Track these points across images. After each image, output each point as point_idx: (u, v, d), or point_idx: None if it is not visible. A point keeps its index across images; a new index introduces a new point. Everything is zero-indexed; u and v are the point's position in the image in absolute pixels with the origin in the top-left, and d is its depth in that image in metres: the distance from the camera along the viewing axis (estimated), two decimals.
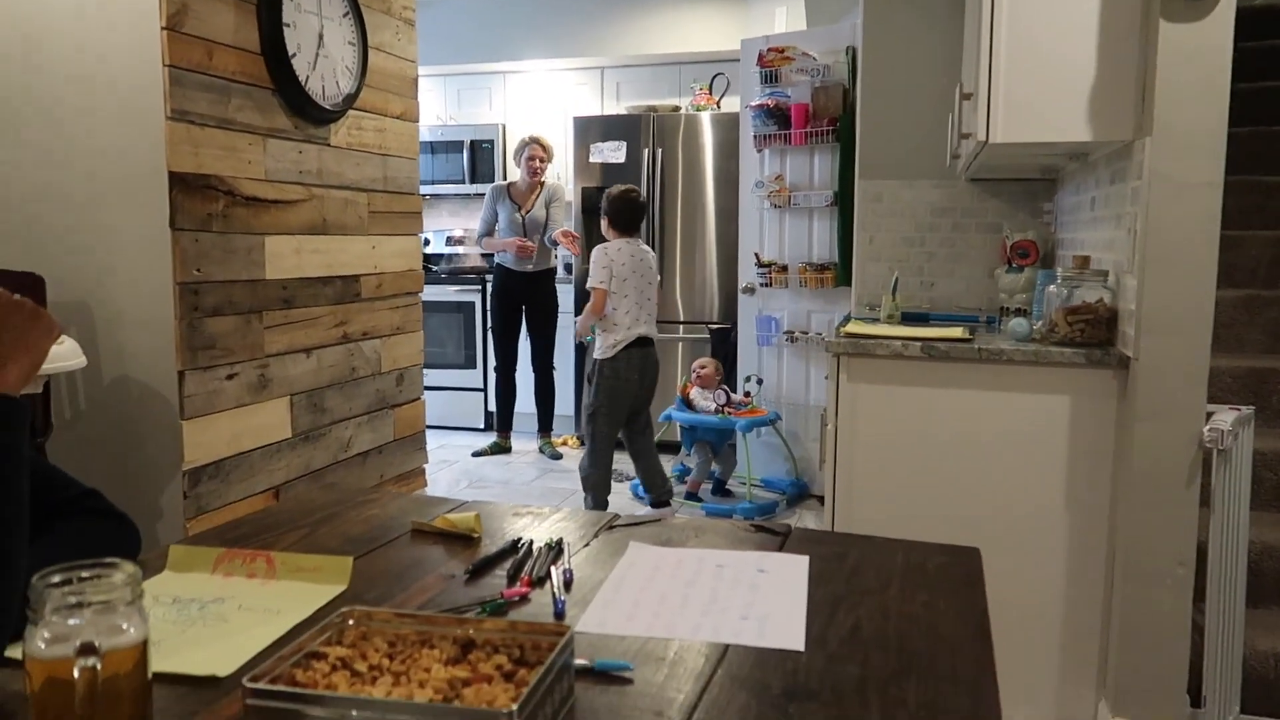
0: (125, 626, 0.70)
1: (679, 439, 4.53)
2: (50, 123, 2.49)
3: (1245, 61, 3.31)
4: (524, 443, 5.36)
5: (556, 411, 5.50)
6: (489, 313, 5.16)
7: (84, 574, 0.71)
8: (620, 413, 3.76)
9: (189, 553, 1.13)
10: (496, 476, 4.76)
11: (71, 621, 0.69)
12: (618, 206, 3.79)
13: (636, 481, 4.32)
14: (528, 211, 5.01)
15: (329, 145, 2.92)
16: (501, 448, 5.18)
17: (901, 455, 2.41)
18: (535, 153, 4.98)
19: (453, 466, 4.94)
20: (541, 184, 5.06)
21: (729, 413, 4.15)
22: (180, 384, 2.42)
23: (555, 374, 5.20)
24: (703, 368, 4.37)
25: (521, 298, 5.04)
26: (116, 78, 2.41)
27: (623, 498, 4.36)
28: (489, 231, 5.03)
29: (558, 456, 5.10)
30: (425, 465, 3.56)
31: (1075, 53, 2.18)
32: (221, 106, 2.50)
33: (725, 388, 4.15)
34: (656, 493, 3.88)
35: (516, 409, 5.36)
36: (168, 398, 2.44)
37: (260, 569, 1.09)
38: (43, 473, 1.08)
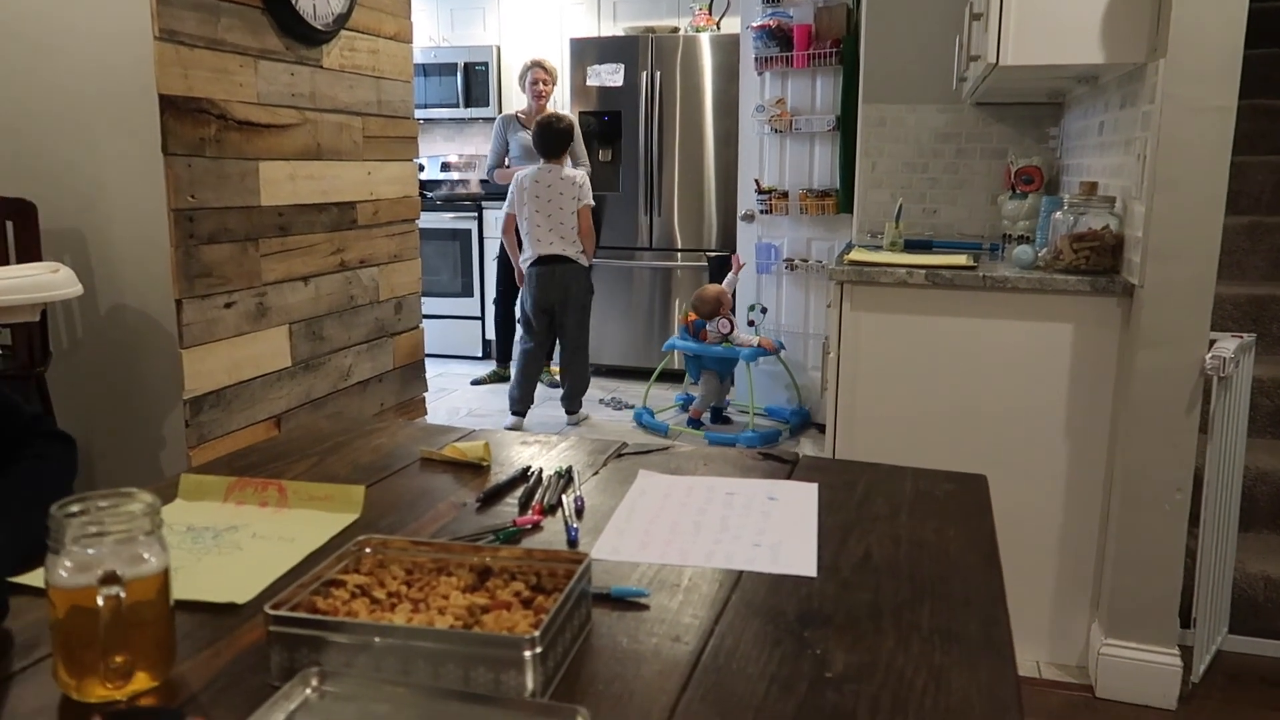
0: (146, 556, 0.71)
1: (684, 368, 4.52)
2: (35, 45, 2.42)
3: None
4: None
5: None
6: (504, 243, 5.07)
7: (102, 504, 0.71)
8: (530, 325, 4.23)
9: (200, 482, 1.13)
10: (496, 405, 4.77)
11: (92, 551, 0.69)
12: (536, 133, 4.20)
13: (641, 409, 4.34)
14: None
15: (321, 67, 2.85)
16: (500, 377, 5.19)
17: (904, 383, 2.42)
18: (539, 75, 4.86)
19: (452, 395, 4.95)
20: (545, 108, 4.96)
21: (733, 342, 4.15)
22: (178, 312, 2.40)
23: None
24: (701, 298, 4.32)
25: None
26: None
27: (625, 426, 4.38)
28: (500, 163, 4.91)
29: (556, 385, 5.11)
30: (425, 394, 3.56)
31: None
32: (210, 26, 2.43)
33: (730, 316, 4.13)
34: (564, 400, 4.38)
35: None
36: (166, 326, 2.43)
37: (272, 498, 1.10)
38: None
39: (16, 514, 0.78)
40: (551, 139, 4.16)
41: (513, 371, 4.36)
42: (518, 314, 4.29)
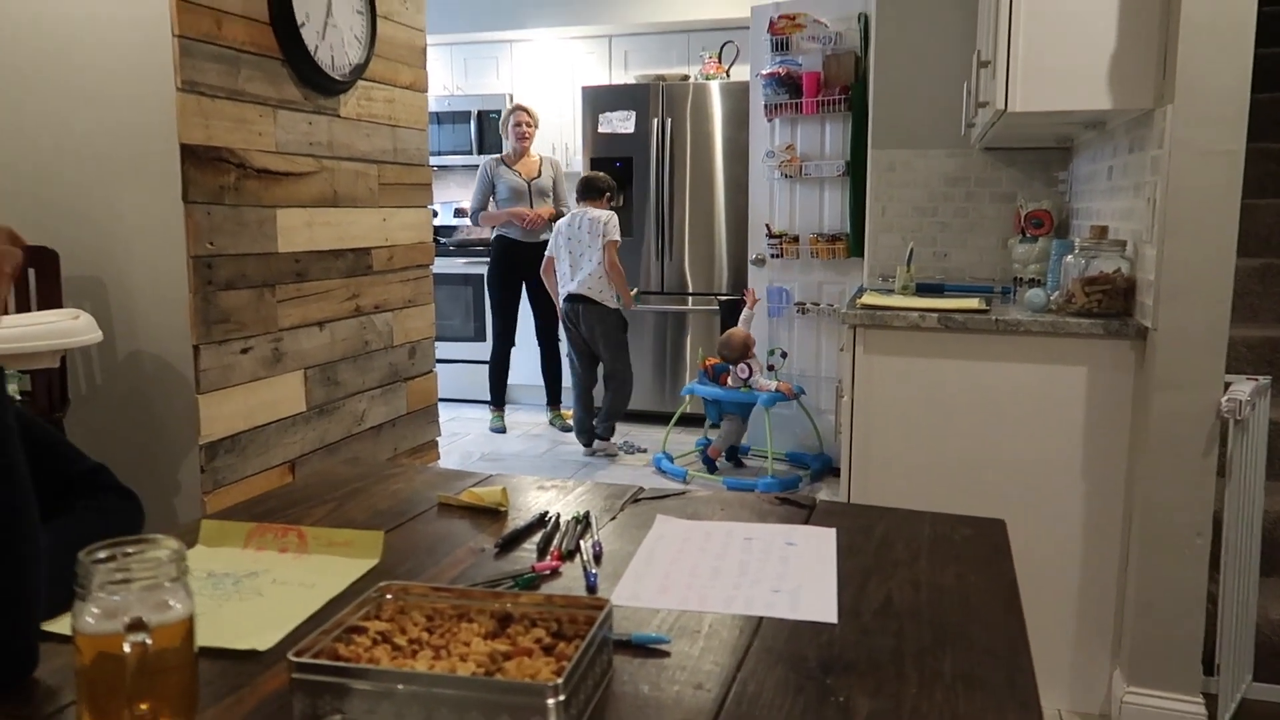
0: (172, 603, 0.71)
1: (704, 413, 4.50)
2: (61, 95, 2.47)
3: (1265, 26, 3.27)
4: (532, 415, 5.37)
5: (566, 383, 5.51)
6: (487, 286, 5.09)
7: (129, 549, 0.72)
8: (575, 355, 4.59)
9: (220, 527, 1.13)
10: (509, 449, 4.78)
11: (119, 598, 0.69)
12: (579, 182, 4.57)
13: (660, 455, 4.33)
14: (534, 178, 4.99)
15: (339, 116, 2.91)
16: (498, 425, 5.15)
17: (918, 426, 2.42)
18: (522, 118, 4.95)
19: (464, 439, 4.96)
20: (529, 150, 5.03)
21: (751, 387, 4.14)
22: (195, 358, 2.42)
23: (561, 345, 5.20)
24: (728, 344, 4.24)
25: (523, 270, 4.99)
26: (126, 48, 2.39)
27: (640, 470, 4.38)
28: (484, 205, 4.96)
29: (569, 429, 5.12)
30: (438, 438, 3.57)
31: (1096, 19, 2.16)
32: (231, 77, 2.49)
33: (751, 360, 4.12)
34: (597, 423, 4.61)
35: (524, 382, 5.37)
36: (183, 372, 2.45)
37: (292, 543, 1.10)
38: (50, 445, 1.08)
39: (64, 564, 0.77)
40: (588, 184, 4.52)
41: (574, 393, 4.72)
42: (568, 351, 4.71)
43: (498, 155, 5.06)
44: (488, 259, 5.63)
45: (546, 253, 4.62)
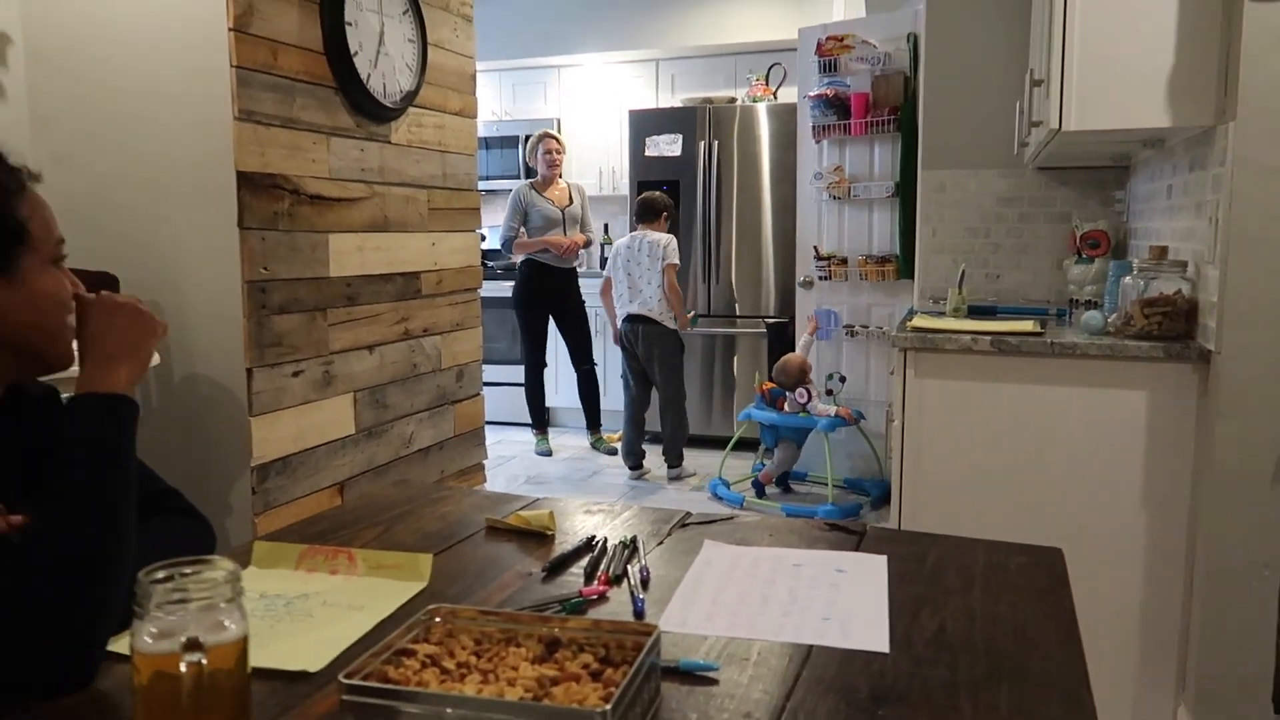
0: (227, 623, 0.72)
1: (759, 437, 4.46)
2: (121, 123, 2.56)
3: None
4: (577, 438, 5.39)
5: (609, 406, 5.52)
6: (516, 310, 5.09)
7: (186, 570, 0.73)
8: (631, 376, 4.65)
9: (272, 549, 1.15)
10: (555, 472, 4.80)
11: (176, 617, 0.71)
12: (638, 203, 4.64)
13: (715, 480, 4.32)
14: (566, 205, 5.02)
15: (390, 143, 2.96)
16: (544, 448, 5.19)
17: (971, 452, 2.38)
18: (551, 146, 4.99)
19: (510, 462, 4.99)
20: (560, 176, 5.07)
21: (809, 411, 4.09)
22: (249, 381, 2.47)
23: (596, 369, 5.20)
24: (786, 369, 4.20)
25: (552, 296, 5.01)
26: (186, 79, 2.47)
27: (688, 495, 4.36)
28: (517, 234, 4.97)
29: (613, 452, 5.12)
30: (484, 461, 3.60)
31: (1153, 34, 2.13)
32: (286, 106, 2.55)
33: (809, 385, 4.09)
34: (664, 453, 4.64)
35: (567, 404, 5.40)
36: (236, 395, 2.50)
37: (342, 565, 1.12)
38: None
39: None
40: (646, 205, 4.59)
41: (622, 430, 4.78)
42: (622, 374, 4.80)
43: (528, 181, 5.09)
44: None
45: (605, 273, 4.69)
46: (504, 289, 5.69)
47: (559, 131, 5.94)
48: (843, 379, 4.20)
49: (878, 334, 4.27)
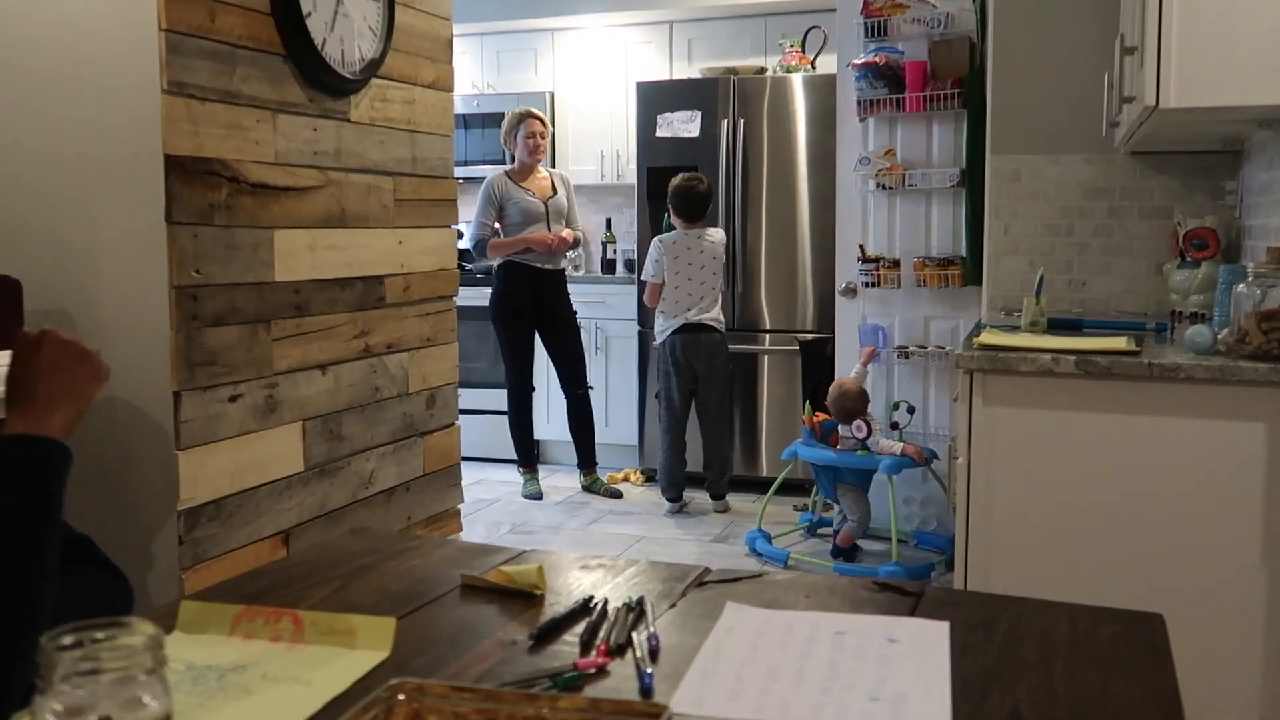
0: (146, 700, 0.73)
1: (811, 478, 4.44)
2: (26, 98, 2.58)
3: None
4: (574, 477, 5.39)
5: (614, 440, 5.53)
6: (495, 322, 5.13)
7: (98, 635, 0.73)
8: (675, 396, 4.82)
9: (202, 610, 1.15)
10: (546, 519, 4.80)
11: (85, 691, 0.71)
12: (678, 197, 4.76)
13: (755, 532, 4.31)
14: (548, 197, 5.06)
15: (348, 121, 2.99)
16: (532, 490, 5.20)
17: (1051, 495, 2.38)
18: (535, 128, 5.02)
19: (492, 507, 4.99)
20: (538, 165, 5.10)
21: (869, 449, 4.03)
22: (176, 407, 2.48)
23: (591, 394, 5.22)
24: (844, 395, 4.16)
25: (538, 307, 5.05)
26: (103, 43, 2.49)
27: (708, 546, 4.36)
28: (493, 233, 5.00)
29: (616, 494, 5.13)
30: (460, 506, 3.60)
31: None
32: (225, 77, 2.58)
33: (868, 418, 4.06)
34: (710, 484, 4.89)
35: (562, 437, 5.41)
36: (161, 423, 2.51)
37: (286, 631, 1.12)
38: None
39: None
40: (699, 200, 4.76)
41: (660, 456, 4.92)
42: (658, 393, 4.97)
43: (504, 170, 5.12)
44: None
45: (647, 279, 4.83)
46: (485, 297, 5.72)
47: (551, 109, 5.98)
48: (910, 409, 4.18)
49: (938, 355, 4.26)
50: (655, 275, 4.80)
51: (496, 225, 5.02)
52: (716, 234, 4.87)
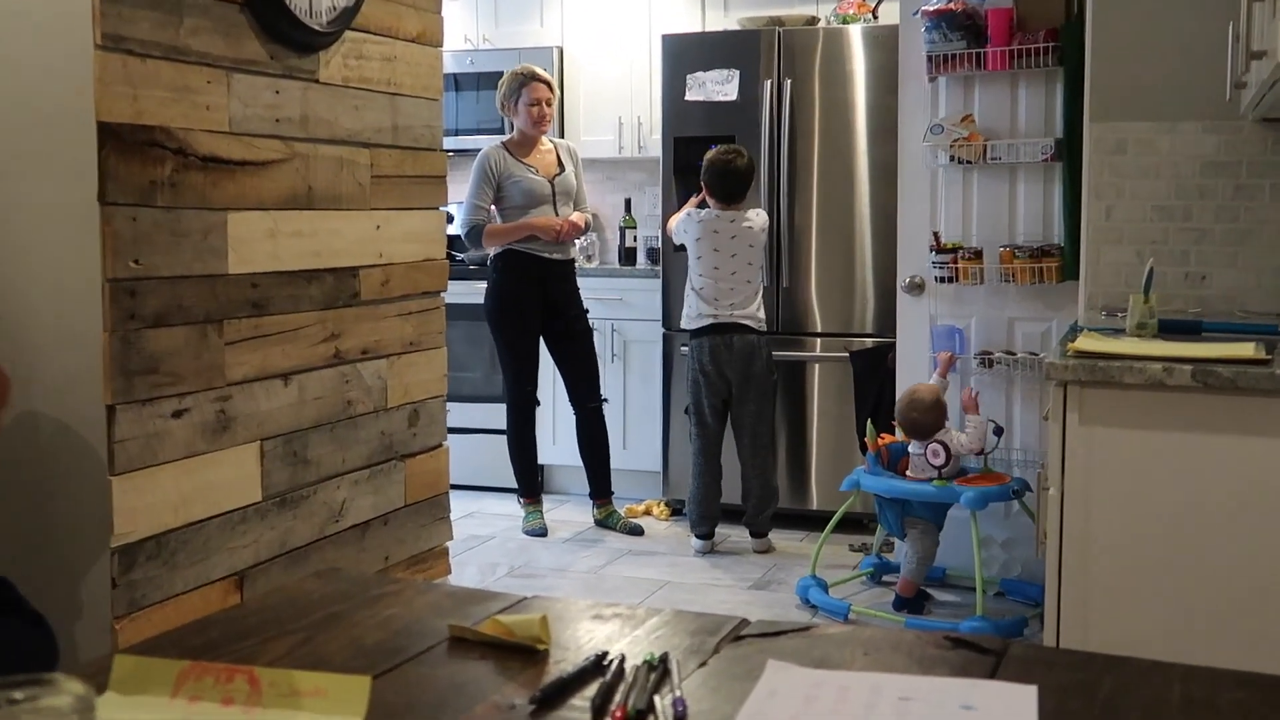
0: None
1: (873, 512, 4.43)
2: None
3: None
4: (585, 509, 5.39)
5: (633, 465, 5.53)
6: (492, 323, 5.17)
7: (17, 695, 0.74)
8: (706, 411, 4.86)
9: (141, 666, 1.16)
10: (550, 560, 4.80)
11: None
12: (713, 174, 4.80)
13: (808, 579, 4.28)
14: (556, 175, 5.08)
15: (317, 81, 3.00)
16: (535, 524, 5.21)
17: (1162, 535, 2.36)
18: (539, 93, 5.02)
19: (486, 545, 5.00)
20: (542, 137, 5.12)
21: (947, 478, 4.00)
22: (110, 424, 2.49)
23: (606, 410, 5.25)
24: (915, 405, 4.13)
25: (544, 304, 5.08)
26: None
27: (780, 599, 4.35)
28: (487, 217, 5.03)
29: (636, 530, 5.13)
30: (449, 543, 3.60)
31: None
32: (171, 30, 2.59)
33: (945, 440, 4.02)
34: (749, 518, 4.92)
35: (570, 461, 5.42)
36: (91, 443, 2.52)
37: (240, 693, 1.12)
38: None
39: None
40: (740, 179, 4.79)
41: (689, 485, 4.93)
42: (686, 408, 4.99)
43: (501, 142, 5.14)
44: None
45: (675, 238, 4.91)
46: (479, 293, 5.73)
47: (560, 68, 6.00)
48: (999, 429, 4.15)
49: (1026, 363, 4.24)
50: (679, 236, 4.92)
51: (493, 208, 5.03)
52: (757, 216, 4.87)
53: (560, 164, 5.12)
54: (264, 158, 2.85)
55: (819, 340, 5.21)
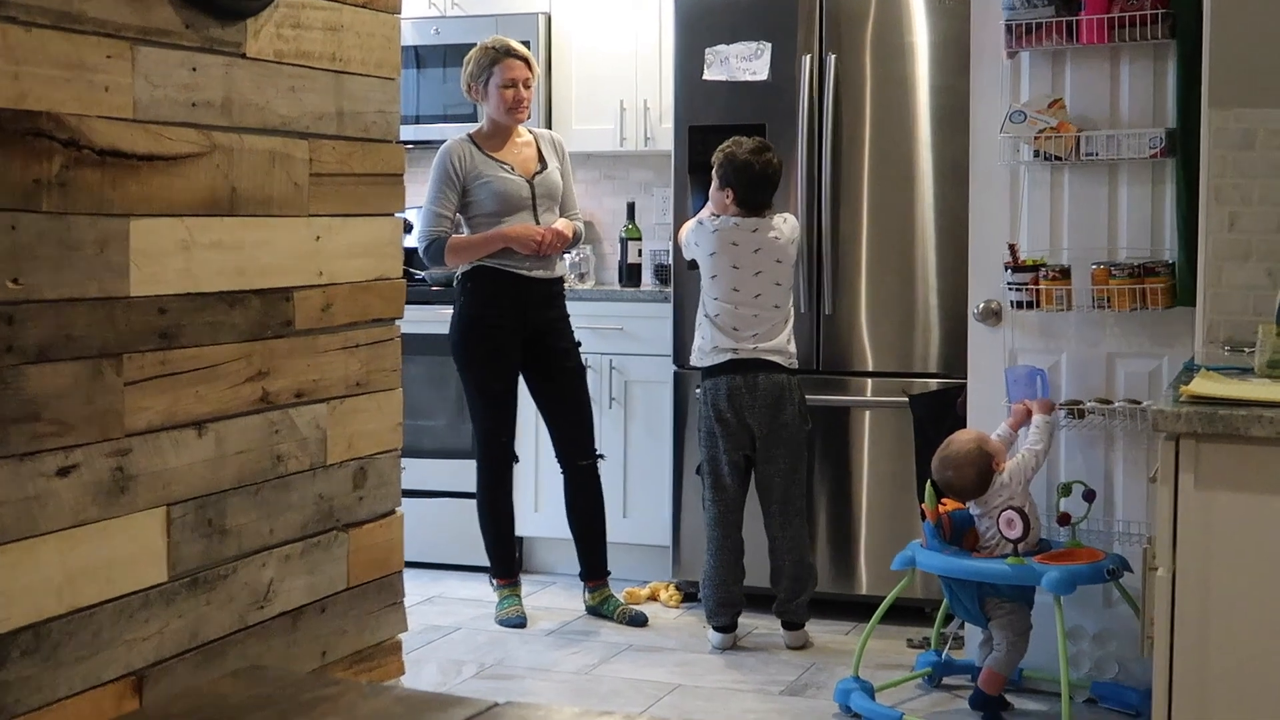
0: None
1: (934, 597, 4.44)
2: None
3: None
4: (572, 593, 5.38)
5: (636, 539, 5.52)
6: (460, 359, 5.19)
7: None
8: (724, 469, 4.86)
9: None
10: (529, 658, 4.78)
11: None
12: (742, 175, 4.80)
13: (849, 680, 4.26)
14: (537, 173, 5.10)
15: (244, 57, 3.01)
16: (512, 612, 5.19)
17: None
18: (514, 71, 5.02)
19: (450, 638, 4.99)
20: (518, 126, 5.15)
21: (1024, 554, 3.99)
22: None
23: (603, 468, 5.26)
24: (947, 461, 4.17)
25: (523, 334, 5.09)
26: None
27: (818, 707, 4.33)
28: (450, 225, 5.05)
29: (639, 620, 5.11)
30: (403, 635, 3.59)
31: None
32: None
33: (1020, 508, 4.01)
34: (780, 604, 4.88)
35: (554, 534, 5.41)
36: None
37: None
38: None
39: None
40: (766, 183, 4.83)
41: (704, 562, 4.92)
42: (699, 466, 4.98)
43: (468, 134, 5.17)
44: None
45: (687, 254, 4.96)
46: (444, 320, 5.73)
47: (547, 39, 6.02)
48: (1090, 493, 4.14)
49: (1128, 413, 4.23)
50: (689, 249, 4.99)
51: (459, 216, 5.04)
52: (785, 224, 4.88)
53: (541, 159, 5.14)
54: (176, 151, 2.85)
55: (870, 381, 5.21)
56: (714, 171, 4.86)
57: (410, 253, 6.26)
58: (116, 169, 2.72)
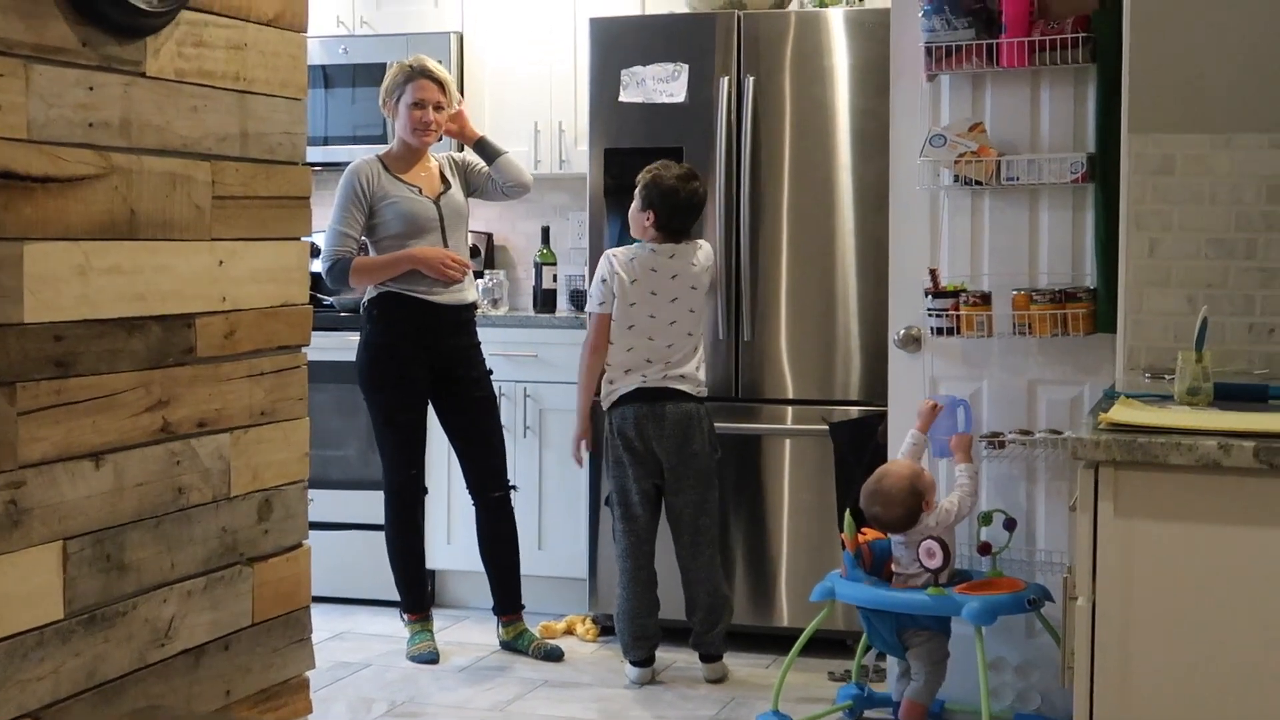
0: None
1: (855, 628, 4.45)
2: None
3: None
4: (486, 628, 5.37)
5: (551, 571, 5.51)
6: (366, 387, 5.18)
7: None
8: (634, 500, 4.86)
9: None
10: (443, 695, 4.76)
11: None
12: (666, 199, 4.85)
13: (767, 716, 4.27)
14: (441, 194, 5.11)
15: (143, 76, 2.99)
16: (423, 648, 5.17)
17: (1221, 654, 2.39)
18: (425, 93, 5.03)
19: (359, 675, 4.96)
20: (428, 148, 5.17)
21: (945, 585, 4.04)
22: None
23: (516, 499, 5.26)
24: (877, 495, 4.18)
25: (433, 361, 5.09)
26: None
27: None
28: (357, 247, 5.05)
29: (554, 655, 5.11)
30: (310, 673, 3.56)
31: None
32: None
33: (939, 538, 4.03)
34: (696, 637, 4.89)
35: (468, 567, 5.39)
36: None
37: None
38: None
39: None
40: (690, 210, 4.91)
41: (618, 595, 4.92)
42: (607, 496, 5.01)
43: (377, 155, 5.16)
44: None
45: (593, 309, 4.93)
46: (352, 347, 5.71)
47: (459, 59, 6.01)
48: (1011, 522, 4.18)
49: (1050, 442, 4.26)
50: (606, 302, 4.90)
51: (364, 240, 5.03)
52: (700, 252, 4.91)
53: (444, 180, 5.15)
54: (72, 173, 2.83)
55: (790, 409, 5.23)
56: (637, 191, 4.87)
57: (317, 278, 6.24)
58: (10, 191, 2.70)
